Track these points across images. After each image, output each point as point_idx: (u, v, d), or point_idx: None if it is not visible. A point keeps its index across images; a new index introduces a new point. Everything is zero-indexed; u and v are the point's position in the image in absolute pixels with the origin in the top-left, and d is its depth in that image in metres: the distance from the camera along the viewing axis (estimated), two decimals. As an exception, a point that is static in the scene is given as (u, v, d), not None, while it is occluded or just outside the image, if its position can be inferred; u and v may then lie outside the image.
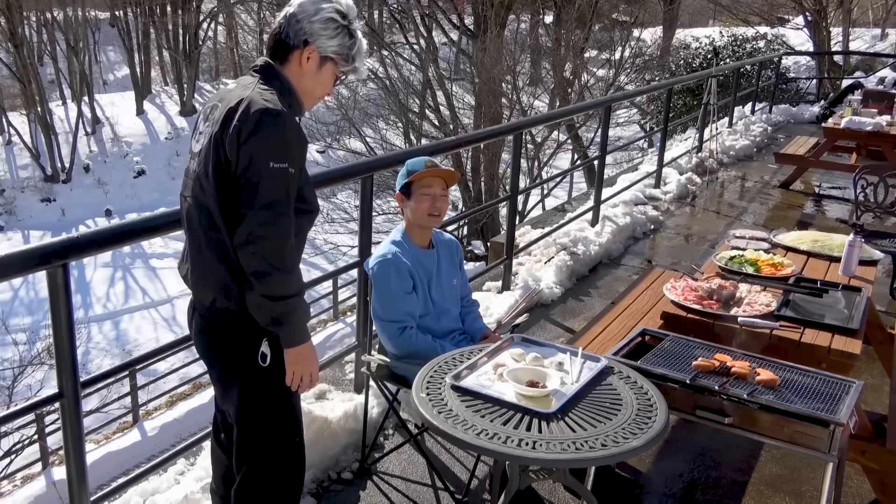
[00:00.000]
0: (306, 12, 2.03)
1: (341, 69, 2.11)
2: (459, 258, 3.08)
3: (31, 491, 7.97)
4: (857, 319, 2.92)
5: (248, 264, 1.93)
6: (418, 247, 2.90)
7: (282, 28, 2.05)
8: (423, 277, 2.88)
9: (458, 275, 3.03)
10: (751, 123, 10.89)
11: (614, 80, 19.56)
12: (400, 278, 2.79)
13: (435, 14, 20.29)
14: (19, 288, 20.54)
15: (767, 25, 24.01)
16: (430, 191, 2.83)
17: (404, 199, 2.87)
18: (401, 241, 2.88)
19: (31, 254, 2.14)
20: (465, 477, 3.05)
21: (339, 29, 2.06)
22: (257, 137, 1.89)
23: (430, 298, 2.90)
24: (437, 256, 2.95)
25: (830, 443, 2.11)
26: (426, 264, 2.90)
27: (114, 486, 2.67)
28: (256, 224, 1.89)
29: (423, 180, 2.82)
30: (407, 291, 2.81)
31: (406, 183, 2.84)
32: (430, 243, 2.95)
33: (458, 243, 3.14)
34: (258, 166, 1.89)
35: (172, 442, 6.78)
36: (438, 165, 2.86)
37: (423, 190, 2.83)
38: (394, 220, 19.23)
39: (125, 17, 32.76)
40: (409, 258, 2.83)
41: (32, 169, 27.73)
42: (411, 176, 2.82)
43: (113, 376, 3.38)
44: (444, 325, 2.93)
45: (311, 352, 2.09)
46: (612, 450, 1.87)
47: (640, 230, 6.47)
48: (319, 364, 3.62)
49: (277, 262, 1.92)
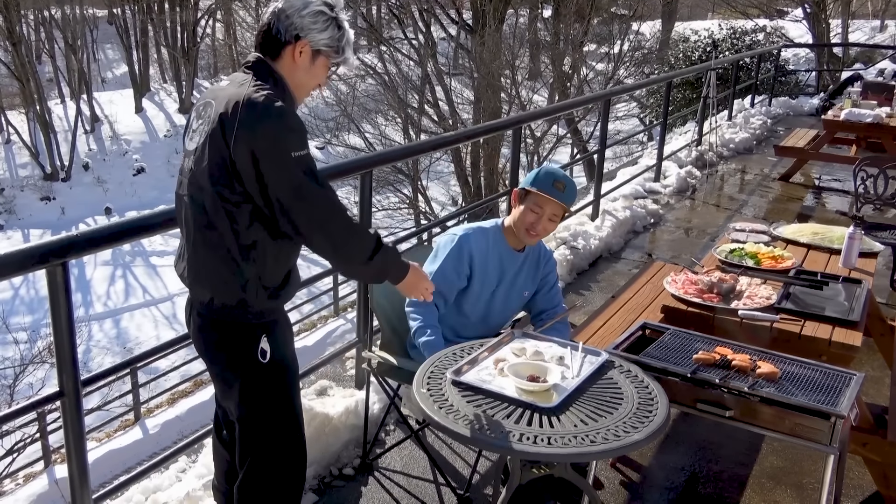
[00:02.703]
0: (295, 7, 2.02)
1: (333, 61, 2.11)
2: (546, 271, 2.96)
3: (33, 489, 7.99)
4: (857, 311, 2.92)
5: (323, 248, 1.97)
6: (507, 244, 2.82)
7: (271, 24, 2.04)
8: (494, 275, 2.81)
9: (531, 287, 2.93)
10: (750, 116, 10.88)
11: (613, 74, 19.52)
12: (456, 259, 2.73)
13: (433, 9, 20.25)
14: (20, 287, 20.55)
15: (766, 18, 23.96)
16: (541, 211, 2.72)
17: (517, 199, 2.78)
18: (491, 230, 2.81)
19: (30, 252, 2.13)
20: (467, 472, 3.05)
21: (328, 21, 2.05)
22: (270, 134, 1.88)
23: (491, 297, 2.83)
24: (521, 261, 2.87)
25: (831, 435, 2.11)
26: (506, 265, 2.82)
27: (116, 484, 2.67)
28: (307, 213, 1.92)
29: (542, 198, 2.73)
30: (455, 275, 2.74)
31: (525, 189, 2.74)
32: (523, 247, 2.86)
33: (552, 257, 3.02)
34: (282, 161, 1.89)
35: (174, 439, 6.80)
36: (565, 190, 2.71)
37: (536, 206, 2.72)
38: (393, 215, 19.25)
39: (123, 14, 32.71)
40: (486, 250, 2.77)
41: (32, 167, 27.74)
42: (532, 188, 2.72)
43: (114, 374, 3.38)
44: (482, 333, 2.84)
45: (418, 273, 2.18)
46: (614, 444, 1.87)
47: (640, 224, 6.47)
48: (320, 360, 3.66)
49: (347, 230, 1.97)
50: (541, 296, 2.97)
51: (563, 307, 3.01)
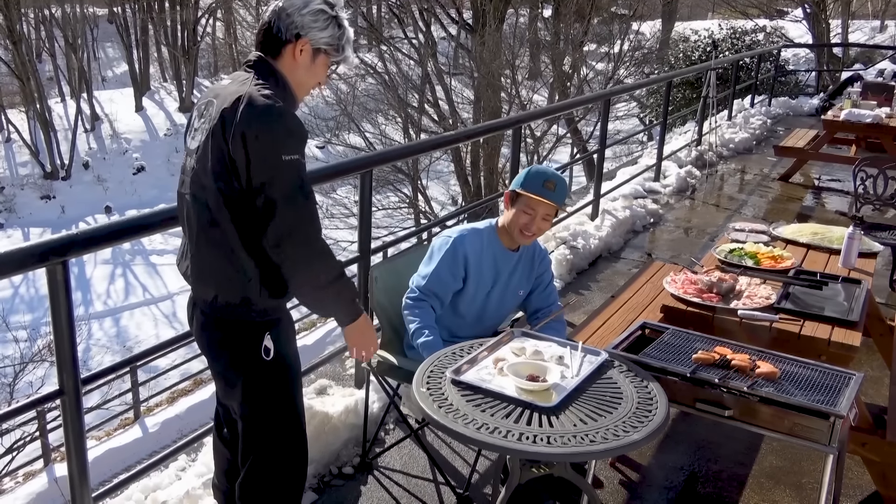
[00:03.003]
0: (295, 6, 2.03)
1: (333, 59, 2.11)
2: (541, 269, 2.95)
3: (33, 488, 8.00)
4: (856, 311, 2.92)
5: (287, 259, 1.95)
6: (502, 245, 2.82)
7: (272, 22, 2.05)
8: (489, 276, 2.81)
9: (526, 286, 2.93)
10: (750, 116, 10.88)
11: (613, 74, 19.52)
12: (451, 261, 2.73)
13: (433, 8, 20.24)
14: (20, 285, 20.55)
15: (766, 18, 23.97)
16: (534, 212, 2.71)
17: (509, 201, 2.77)
18: (486, 231, 2.80)
19: (30, 251, 2.13)
20: (466, 471, 3.05)
21: (328, 20, 2.05)
22: (265, 134, 1.89)
23: (486, 298, 2.83)
24: (516, 261, 2.86)
25: (831, 435, 2.12)
26: (501, 265, 2.82)
27: (115, 483, 2.67)
28: (284, 221, 1.91)
29: (533, 200, 2.70)
30: (450, 277, 2.74)
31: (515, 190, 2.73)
32: (518, 247, 2.86)
33: (547, 255, 3.01)
34: (272, 162, 1.90)
35: (174, 438, 6.79)
36: (555, 189, 2.70)
37: (528, 207, 2.71)
38: (393, 214, 19.25)
39: (123, 13, 32.69)
40: (481, 251, 2.76)
41: (32, 166, 27.72)
42: (522, 191, 2.69)
43: (114, 373, 3.38)
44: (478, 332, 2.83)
45: (367, 324, 2.16)
46: (613, 443, 1.87)
47: (640, 223, 6.47)
48: (320, 359, 3.66)
49: (315, 249, 1.95)
50: (536, 295, 2.97)
51: (558, 305, 3.01)
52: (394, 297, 2.95)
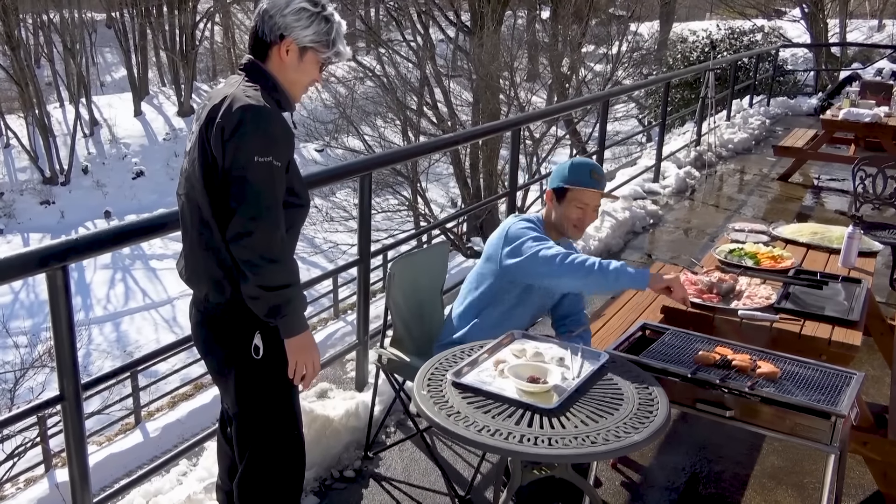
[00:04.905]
0: (277, 6, 2.04)
1: (323, 56, 2.11)
2: None
3: (34, 493, 7.97)
4: (857, 311, 2.92)
5: (240, 257, 1.95)
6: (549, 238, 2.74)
7: (257, 25, 2.07)
8: None
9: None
10: (749, 116, 10.89)
11: (612, 75, 19.52)
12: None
13: (431, 11, 20.26)
14: (20, 291, 20.55)
15: (764, 18, 23.98)
16: (586, 205, 2.67)
17: (553, 199, 2.72)
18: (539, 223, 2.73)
19: (30, 256, 2.14)
20: (468, 473, 3.05)
21: (312, 17, 2.05)
22: (240, 133, 1.91)
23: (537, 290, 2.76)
24: None
25: (832, 434, 2.11)
26: None
27: (116, 488, 2.67)
28: (246, 219, 1.91)
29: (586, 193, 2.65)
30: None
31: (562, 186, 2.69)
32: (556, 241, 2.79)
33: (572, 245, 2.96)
34: (243, 161, 1.91)
35: (175, 443, 6.78)
36: (603, 178, 2.65)
37: (580, 201, 2.67)
38: (393, 217, 19.23)
39: (122, 18, 32.74)
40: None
41: (31, 172, 27.72)
42: (571, 185, 2.67)
43: (114, 378, 3.38)
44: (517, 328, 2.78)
45: (310, 341, 2.11)
46: (614, 444, 1.87)
47: (640, 224, 6.47)
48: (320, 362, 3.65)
49: (268, 254, 1.94)
50: (568, 298, 2.93)
51: (584, 314, 2.98)
52: (409, 295, 2.94)
